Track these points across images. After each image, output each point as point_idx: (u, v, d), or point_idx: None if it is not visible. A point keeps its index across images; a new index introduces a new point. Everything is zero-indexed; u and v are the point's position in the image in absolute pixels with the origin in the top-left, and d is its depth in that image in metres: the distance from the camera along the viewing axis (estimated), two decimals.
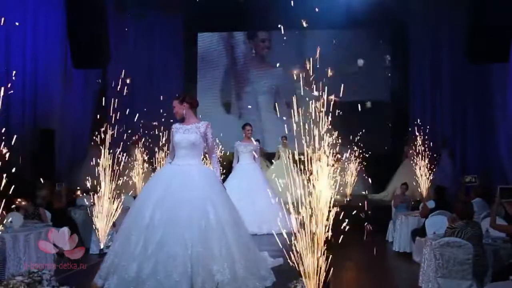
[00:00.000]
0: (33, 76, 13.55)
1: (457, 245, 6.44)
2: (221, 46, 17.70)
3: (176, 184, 5.60)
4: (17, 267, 7.41)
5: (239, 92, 17.81)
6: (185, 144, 5.84)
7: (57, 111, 14.22)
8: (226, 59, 17.82)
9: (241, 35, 17.65)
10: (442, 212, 8.89)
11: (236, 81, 17.85)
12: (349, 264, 9.39)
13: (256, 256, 5.62)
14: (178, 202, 5.44)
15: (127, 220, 5.62)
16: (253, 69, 17.70)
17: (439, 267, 6.52)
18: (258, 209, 8.86)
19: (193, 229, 5.27)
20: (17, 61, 13.14)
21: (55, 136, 13.81)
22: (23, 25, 13.24)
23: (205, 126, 5.98)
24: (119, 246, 5.44)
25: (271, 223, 8.79)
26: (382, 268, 9.50)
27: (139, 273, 5.13)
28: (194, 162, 5.85)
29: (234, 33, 17.55)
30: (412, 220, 10.14)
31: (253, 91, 17.63)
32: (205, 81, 17.62)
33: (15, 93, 12.95)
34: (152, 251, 5.19)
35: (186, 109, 5.98)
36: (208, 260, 5.16)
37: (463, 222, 6.79)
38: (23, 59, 13.29)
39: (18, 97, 13.07)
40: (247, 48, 17.73)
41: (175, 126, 6.02)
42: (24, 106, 13.28)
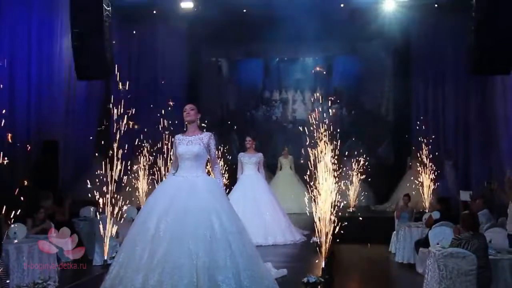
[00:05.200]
0: (37, 87, 13.60)
1: (461, 256, 6.44)
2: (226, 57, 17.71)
3: (181, 195, 5.62)
4: (20, 279, 7.43)
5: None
6: (189, 155, 5.86)
7: (61, 123, 14.27)
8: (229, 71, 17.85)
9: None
10: (445, 223, 8.90)
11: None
12: (352, 276, 9.39)
13: (261, 267, 5.63)
14: (183, 213, 5.45)
15: (132, 231, 5.63)
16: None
17: (442, 278, 6.51)
18: (263, 220, 8.88)
19: (199, 240, 5.29)
20: (21, 72, 13.20)
21: (58, 147, 13.84)
22: (27, 37, 13.33)
23: (208, 137, 6.01)
24: (124, 258, 5.44)
25: (276, 234, 8.81)
26: (386, 279, 9.50)
27: (145, 284, 5.13)
28: (198, 173, 5.87)
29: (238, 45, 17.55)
30: (415, 231, 10.14)
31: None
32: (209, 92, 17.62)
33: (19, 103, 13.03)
34: (157, 262, 5.19)
35: (197, 119, 6.04)
36: (213, 270, 5.17)
37: (469, 234, 6.79)
38: (28, 71, 13.35)
39: (22, 108, 13.13)
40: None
41: (178, 137, 6.04)
42: (28, 117, 13.32)
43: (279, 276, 6.17)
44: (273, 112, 17.59)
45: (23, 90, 13.21)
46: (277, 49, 16.93)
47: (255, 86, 17.66)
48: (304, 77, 17.22)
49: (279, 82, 17.50)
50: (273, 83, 17.58)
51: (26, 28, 13.32)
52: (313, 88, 17.28)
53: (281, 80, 17.47)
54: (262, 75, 17.66)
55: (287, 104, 17.50)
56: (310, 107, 17.28)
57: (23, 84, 13.21)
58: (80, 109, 15.08)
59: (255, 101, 17.66)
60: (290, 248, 8.57)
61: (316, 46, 15.84)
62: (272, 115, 17.60)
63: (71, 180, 14.66)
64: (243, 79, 17.66)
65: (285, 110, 17.52)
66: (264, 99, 17.64)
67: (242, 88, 17.69)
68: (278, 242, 8.76)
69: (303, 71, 17.24)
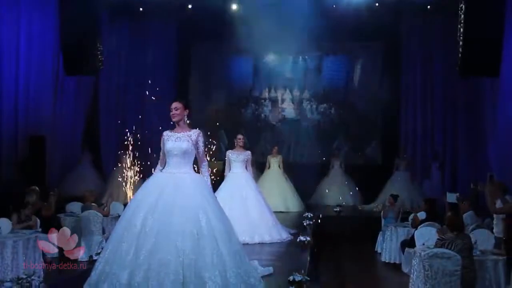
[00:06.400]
0: (25, 82, 13.54)
1: (446, 256, 6.48)
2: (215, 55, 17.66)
3: (168, 191, 5.60)
4: (4, 274, 7.38)
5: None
6: (177, 152, 5.84)
7: (49, 118, 14.21)
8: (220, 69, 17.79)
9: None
10: (431, 223, 8.95)
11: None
12: (338, 275, 9.41)
13: (247, 264, 5.63)
14: (170, 210, 5.44)
15: (118, 228, 5.60)
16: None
17: (427, 278, 6.54)
18: (250, 219, 8.87)
19: (185, 237, 5.27)
20: (10, 67, 13.14)
21: (45, 142, 13.78)
22: (16, 32, 13.26)
23: (196, 134, 5.98)
24: (110, 254, 5.41)
25: (263, 233, 8.81)
26: (371, 279, 9.53)
27: (131, 280, 5.11)
28: (186, 170, 5.85)
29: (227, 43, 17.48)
30: (401, 231, 10.18)
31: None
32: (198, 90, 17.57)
33: (6, 99, 12.97)
34: (143, 259, 5.18)
35: (185, 116, 5.99)
36: (200, 267, 5.16)
37: (453, 234, 6.83)
38: (16, 66, 13.30)
39: (9, 103, 13.07)
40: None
41: (166, 134, 6.01)
42: (16, 113, 13.27)
43: (265, 274, 6.17)
44: (262, 111, 17.57)
45: (10, 85, 13.16)
46: (267, 47, 16.91)
47: (245, 85, 17.62)
48: (294, 76, 17.23)
49: (269, 80, 17.48)
50: (263, 81, 17.55)
51: (14, 24, 13.26)
52: (302, 87, 17.30)
53: (271, 79, 17.44)
54: (252, 74, 17.63)
55: (276, 102, 17.49)
56: (299, 106, 17.31)
57: (11, 80, 13.15)
58: (68, 105, 15.04)
59: (244, 99, 17.63)
60: (276, 246, 8.57)
61: (306, 45, 15.82)
62: (261, 113, 17.58)
63: (58, 175, 14.62)
64: (232, 77, 17.61)
65: (274, 108, 17.50)
66: (253, 97, 17.61)
67: (232, 86, 17.64)
68: (265, 240, 8.76)
69: (292, 70, 17.25)
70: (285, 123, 17.44)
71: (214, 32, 15.90)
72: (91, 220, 9.86)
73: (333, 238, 11.98)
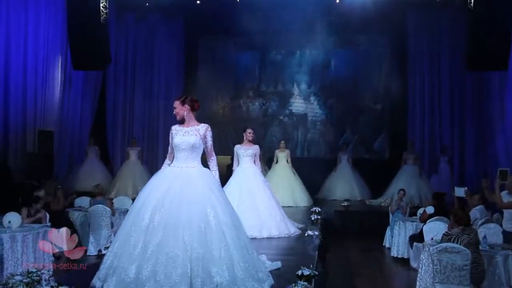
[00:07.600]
0: (34, 77, 13.58)
1: (455, 251, 6.45)
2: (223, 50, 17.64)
3: (176, 186, 5.59)
4: (15, 268, 7.42)
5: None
6: (185, 146, 5.83)
7: (57, 112, 14.26)
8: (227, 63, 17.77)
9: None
10: (439, 218, 8.92)
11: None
12: (346, 269, 9.41)
13: (255, 259, 5.62)
14: (178, 204, 5.43)
15: (126, 222, 5.60)
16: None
17: (436, 272, 6.53)
18: (258, 213, 8.83)
19: (193, 231, 5.27)
20: (18, 62, 13.18)
21: (54, 137, 13.83)
22: (24, 27, 13.30)
23: (205, 128, 5.96)
24: (118, 248, 5.42)
25: (271, 227, 8.80)
26: (380, 273, 9.53)
27: (139, 274, 5.12)
28: (194, 164, 5.83)
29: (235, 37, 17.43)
30: (409, 226, 10.16)
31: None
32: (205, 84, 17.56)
33: (15, 94, 13.02)
34: (151, 253, 5.18)
35: (187, 111, 5.95)
36: (207, 261, 5.15)
37: (459, 229, 6.80)
38: (24, 61, 13.33)
39: (17, 98, 13.12)
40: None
41: (174, 128, 5.99)
42: (24, 107, 13.31)
43: (273, 269, 6.15)
44: (269, 105, 17.56)
45: (19, 80, 13.20)
46: (274, 42, 16.90)
47: (252, 79, 17.62)
48: (301, 70, 17.20)
49: (276, 75, 17.46)
50: (270, 76, 17.54)
51: (22, 18, 13.29)
52: (310, 82, 17.28)
53: (278, 73, 17.43)
54: (259, 68, 17.62)
55: (284, 97, 17.47)
56: (306, 101, 17.29)
57: (19, 74, 13.19)
58: (76, 100, 15.08)
59: (251, 93, 17.61)
60: (284, 241, 8.55)
61: (313, 39, 15.79)
62: (268, 108, 17.57)
63: (66, 169, 14.68)
64: (239, 71, 17.61)
65: (281, 103, 17.49)
66: (260, 91, 17.61)
67: (239, 80, 17.64)
68: (273, 235, 8.73)
69: (299, 64, 17.22)
70: (292, 117, 17.42)
71: (221, 26, 15.92)
72: (99, 214, 9.90)
73: (341, 233, 11.97)
